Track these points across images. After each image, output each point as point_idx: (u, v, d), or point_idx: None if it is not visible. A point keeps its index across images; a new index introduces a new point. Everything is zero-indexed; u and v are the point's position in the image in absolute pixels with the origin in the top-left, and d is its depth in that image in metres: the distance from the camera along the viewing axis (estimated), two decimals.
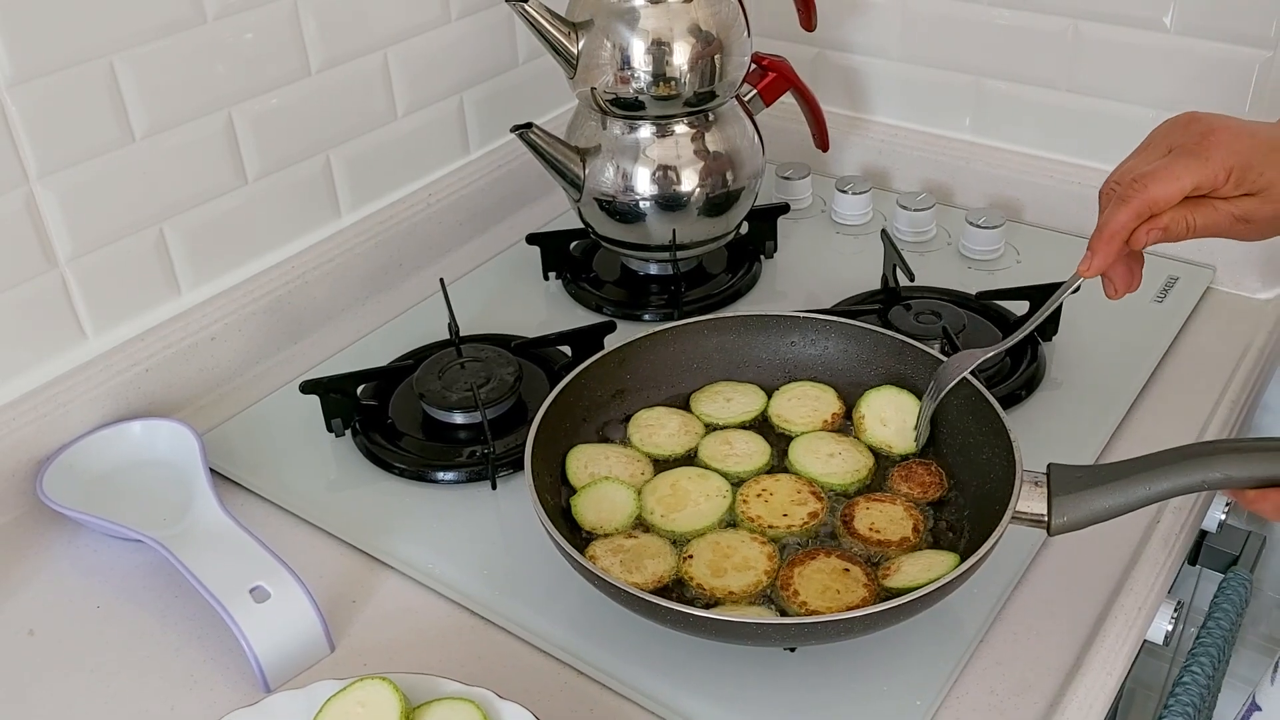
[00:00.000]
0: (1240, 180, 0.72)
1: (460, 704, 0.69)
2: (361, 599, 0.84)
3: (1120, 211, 0.73)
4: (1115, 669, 0.75)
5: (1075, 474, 0.74)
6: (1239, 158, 0.72)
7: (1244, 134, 0.73)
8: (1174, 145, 0.74)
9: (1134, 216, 0.73)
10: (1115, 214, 0.73)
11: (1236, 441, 0.70)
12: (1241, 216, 0.74)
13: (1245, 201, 0.73)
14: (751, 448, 0.88)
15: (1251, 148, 0.72)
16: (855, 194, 1.25)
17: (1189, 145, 0.73)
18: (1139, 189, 0.73)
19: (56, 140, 0.90)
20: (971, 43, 1.24)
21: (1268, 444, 0.69)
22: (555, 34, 1.03)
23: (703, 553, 0.78)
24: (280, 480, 0.94)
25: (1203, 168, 0.72)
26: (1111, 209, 0.74)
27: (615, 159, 1.08)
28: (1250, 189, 0.73)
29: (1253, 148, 0.72)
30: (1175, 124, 0.76)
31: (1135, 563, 0.83)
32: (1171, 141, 0.75)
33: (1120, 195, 0.74)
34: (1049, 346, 1.04)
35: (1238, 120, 0.74)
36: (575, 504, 0.83)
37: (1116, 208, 0.73)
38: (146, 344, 1.00)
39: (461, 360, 1.00)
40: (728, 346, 0.95)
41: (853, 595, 0.74)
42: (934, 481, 0.84)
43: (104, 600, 0.85)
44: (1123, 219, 0.73)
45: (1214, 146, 0.72)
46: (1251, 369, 1.02)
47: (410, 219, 1.20)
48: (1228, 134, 0.73)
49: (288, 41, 1.05)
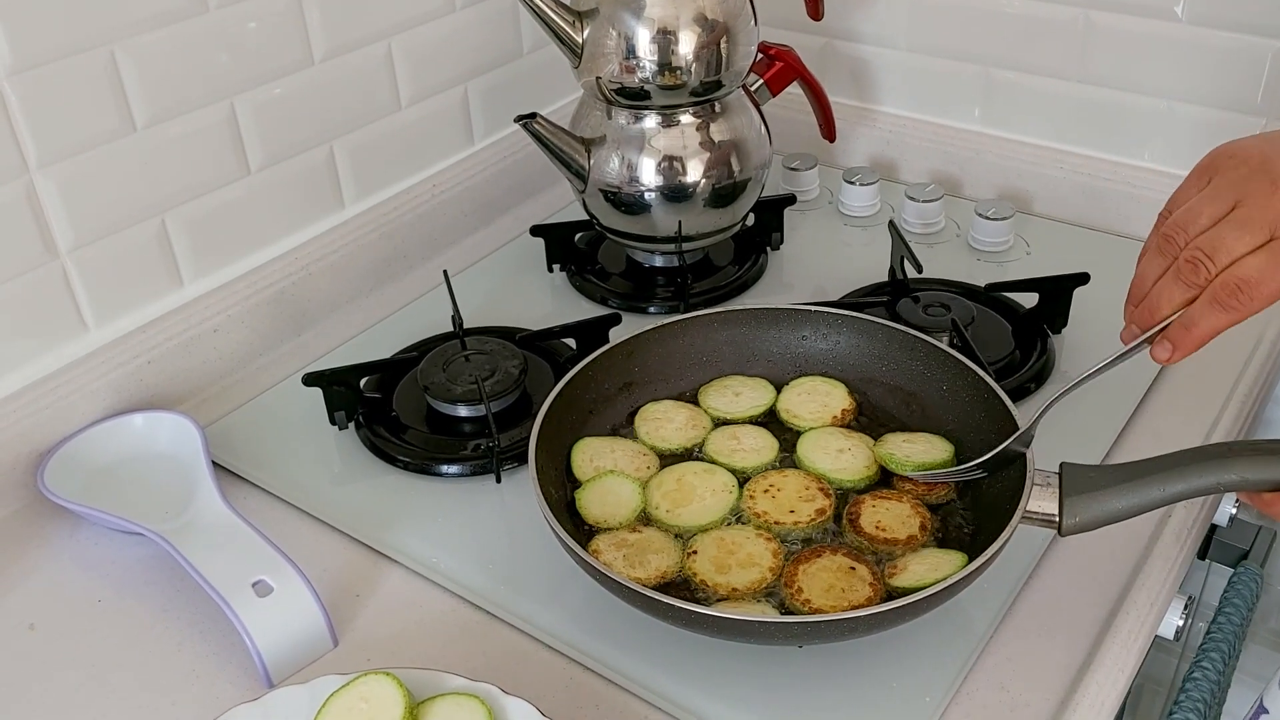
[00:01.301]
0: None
1: (465, 699, 0.68)
2: (365, 593, 0.83)
3: (1218, 319, 0.66)
4: (1127, 665, 0.75)
5: (1088, 474, 0.72)
6: None
7: None
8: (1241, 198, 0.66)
9: (1230, 324, 0.66)
10: (1210, 319, 0.66)
11: (1253, 443, 0.69)
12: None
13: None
14: (759, 443, 0.87)
15: None
16: (863, 185, 1.24)
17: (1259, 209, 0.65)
18: (1244, 302, 0.65)
19: (57, 130, 0.89)
20: (981, 32, 1.23)
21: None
22: (560, 23, 1.02)
23: (707, 549, 0.78)
24: (283, 473, 0.94)
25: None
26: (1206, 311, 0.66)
27: (620, 149, 1.07)
28: None
29: None
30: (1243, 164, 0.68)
31: (1147, 558, 0.82)
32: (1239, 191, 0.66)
33: (1219, 300, 0.66)
34: (1058, 339, 1.03)
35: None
36: (580, 497, 0.82)
37: (1212, 312, 0.66)
38: (148, 336, 0.99)
39: (466, 353, 0.99)
40: (738, 340, 0.94)
41: (858, 594, 0.74)
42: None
43: (105, 594, 0.84)
44: (1219, 327, 0.66)
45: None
46: (1263, 363, 1.01)
47: (414, 210, 1.20)
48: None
49: (290, 31, 1.04)
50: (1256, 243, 0.65)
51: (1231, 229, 0.66)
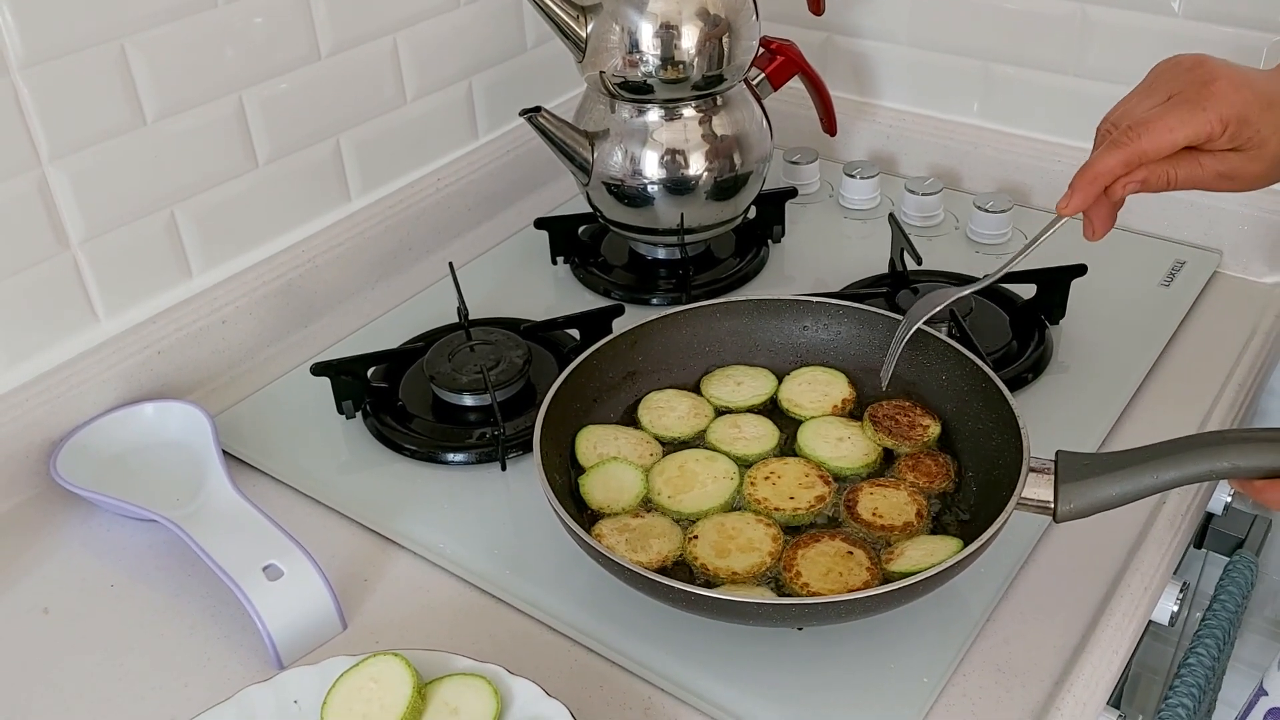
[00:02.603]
0: (1234, 135, 0.71)
1: (472, 680, 0.70)
2: (373, 578, 0.84)
3: (1109, 156, 0.72)
4: (1120, 649, 0.76)
5: (1083, 461, 0.74)
6: (1235, 111, 0.70)
7: (1244, 86, 0.71)
8: (1174, 92, 0.72)
9: (1123, 164, 0.72)
10: (1104, 158, 0.72)
11: (1245, 431, 0.70)
12: (1225, 173, 0.72)
13: (1231, 157, 0.72)
14: (760, 431, 0.88)
15: (1249, 101, 0.70)
16: (863, 179, 1.25)
17: (1188, 94, 0.71)
18: (1133, 137, 0.71)
19: (68, 123, 0.91)
20: (980, 27, 1.24)
21: (1277, 434, 0.69)
22: (564, 17, 1.03)
23: (708, 533, 0.79)
24: (292, 461, 0.95)
25: (1199, 121, 0.70)
26: (1101, 152, 0.73)
27: (623, 143, 1.08)
28: (1241, 145, 0.71)
29: (1250, 101, 0.70)
30: (1179, 66, 0.74)
31: (1141, 544, 0.83)
32: (1172, 87, 0.73)
33: (1114, 140, 0.72)
34: (1056, 330, 1.05)
35: (1239, 70, 0.72)
36: (583, 483, 0.84)
37: (1106, 152, 0.72)
38: (158, 326, 1.01)
39: (471, 343, 1.01)
40: (740, 330, 0.96)
41: (855, 578, 0.75)
42: (941, 472, 0.84)
43: (118, 579, 0.85)
44: (1110, 164, 0.72)
45: (1213, 98, 0.70)
46: (1258, 353, 1.02)
47: (419, 203, 1.21)
48: (1228, 85, 0.70)
49: (298, 26, 1.05)
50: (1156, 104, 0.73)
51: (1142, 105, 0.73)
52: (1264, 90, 0.71)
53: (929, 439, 0.86)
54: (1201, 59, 0.73)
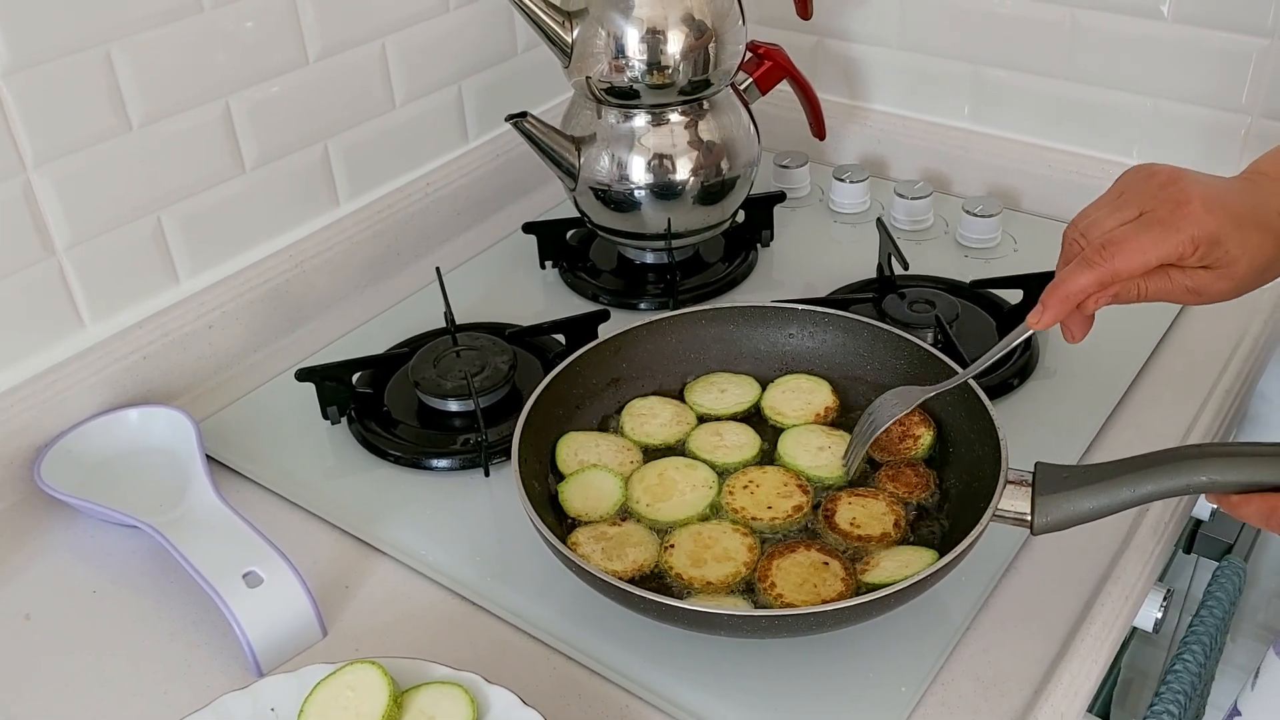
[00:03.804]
0: (1205, 255, 0.71)
1: (448, 688, 0.70)
2: (355, 584, 0.84)
3: (1081, 276, 0.71)
4: (1101, 656, 0.76)
5: (1061, 474, 0.73)
6: (1207, 233, 0.70)
7: (1217, 205, 0.71)
8: (1146, 209, 0.72)
9: (1096, 284, 0.71)
10: (1076, 277, 0.71)
11: (1222, 446, 0.70)
12: (1194, 289, 0.72)
13: (1201, 274, 0.72)
14: (742, 439, 0.88)
15: (1222, 222, 0.70)
16: (853, 183, 1.25)
17: (1161, 214, 0.71)
18: (1106, 257, 0.71)
19: (54, 128, 0.91)
20: (970, 31, 1.24)
21: (1253, 449, 0.69)
22: (550, 23, 1.03)
23: (684, 543, 0.79)
24: (277, 467, 0.95)
25: (1173, 243, 0.70)
26: (1073, 270, 0.72)
27: (610, 148, 1.08)
28: (1210, 264, 0.71)
29: (1223, 222, 0.70)
30: (1152, 180, 0.73)
31: (1124, 551, 0.83)
32: (1144, 203, 0.72)
33: (1085, 258, 0.72)
34: (1043, 335, 1.04)
35: (1212, 187, 0.72)
36: (562, 490, 0.84)
37: (1079, 270, 0.71)
38: (145, 332, 1.01)
39: (457, 348, 1.01)
40: (725, 337, 0.95)
41: (829, 589, 0.75)
42: (920, 483, 0.83)
43: (100, 585, 0.85)
44: (1083, 283, 0.71)
45: (1186, 219, 0.70)
46: (1245, 359, 1.02)
47: (408, 208, 1.21)
48: (1202, 206, 0.70)
49: (285, 30, 1.05)
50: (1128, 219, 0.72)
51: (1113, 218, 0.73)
52: (1235, 210, 0.71)
53: (919, 450, 0.86)
54: (1175, 175, 0.72)
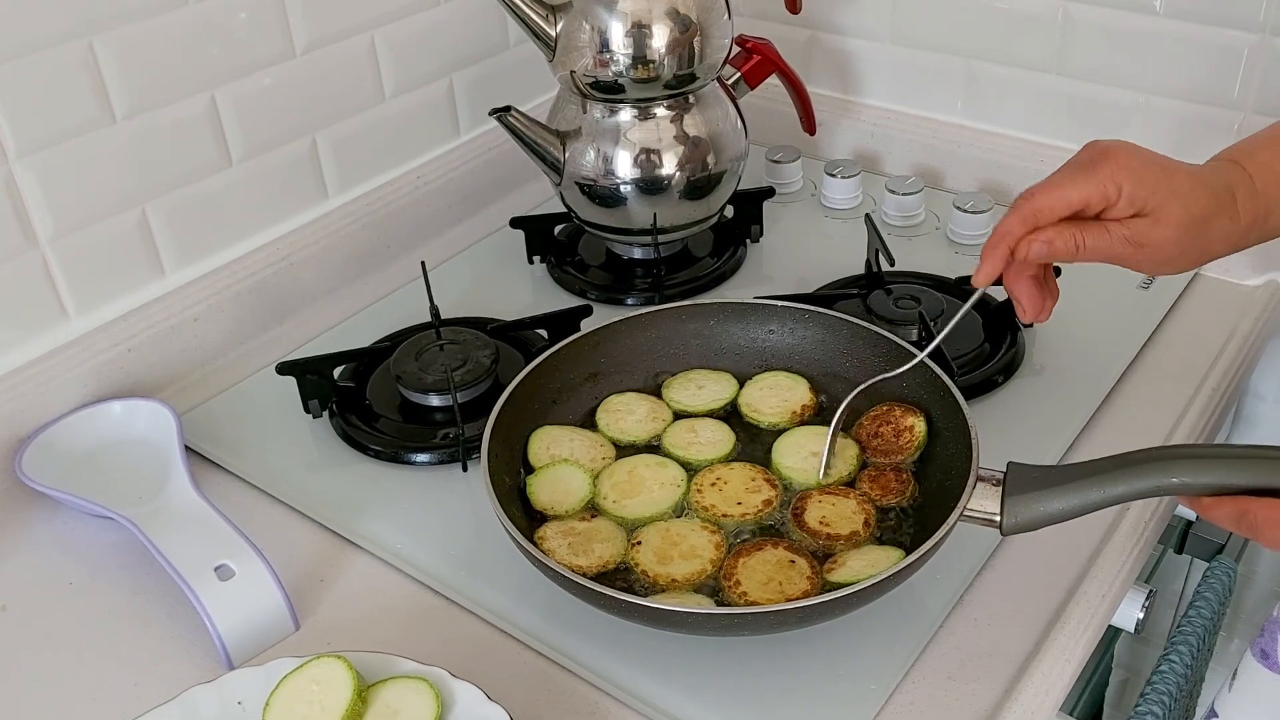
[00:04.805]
0: (1132, 198, 0.72)
1: (414, 682, 0.70)
2: (330, 578, 0.84)
3: (1006, 218, 0.74)
4: (1075, 656, 0.75)
5: (1032, 474, 0.73)
6: (1131, 174, 0.72)
7: (1140, 155, 0.73)
8: (1076, 164, 0.75)
9: (1019, 223, 0.73)
10: (1002, 221, 0.74)
11: (1194, 448, 0.70)
12: (1132, 238, 0.73)
13: (1136, 223, 0.73)
14: (716, 436, 0.88)
15: (1145, 165, 0.73)
16: (844, 178, 1.25)
17: (1083, 161, 0.74)
18: (1026, 197, 0.74)
19: (36, 120, 0.91)
20: (963, 25, 1.23)
21: (1224, 451, 0.68)
22: (533, 17, 1.03)
23: (651, 539, 0.78)
24: (258, 460, 0.95)
25: (1090, 181, 0.72)
26: (1002, 218, 0.75)
27: (595, 142, 1.08)
28: (1142, 209, 0.72)
29: (1146, 165, 0.73)
30: (1093, 146, 0.76)
31: (1102, 550, 0.82)
32: (1076, 160, 0.75)
33: (1012, 205, 0.75)
34: (1030, 332, 1.04)
35: (1147, 149, 0.75)
36: (530, 484, 0.83)
37: (1005, 216, 0.75)
38: (129, 324, 1.01)
39: (440, 343, 1.01)
40: (705, 333, 0.95)
41: (794, 588, 0.74)
42: (898, 488, 0.82)
43: (77, 577, 0.86)
44: (1006, 224, 0.74)
45: (1106, 163, 0.73)
46: (1235, 355, 1.01)
47: (398, 202, 1.21)
48: (1123, 154, 0.73)
49: (272, 22, 1.05)
50: None
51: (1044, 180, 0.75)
52: (1164, 162, 0.74)
53: (917, 444, 0.84)
54: (1114, 142, 0.75)
